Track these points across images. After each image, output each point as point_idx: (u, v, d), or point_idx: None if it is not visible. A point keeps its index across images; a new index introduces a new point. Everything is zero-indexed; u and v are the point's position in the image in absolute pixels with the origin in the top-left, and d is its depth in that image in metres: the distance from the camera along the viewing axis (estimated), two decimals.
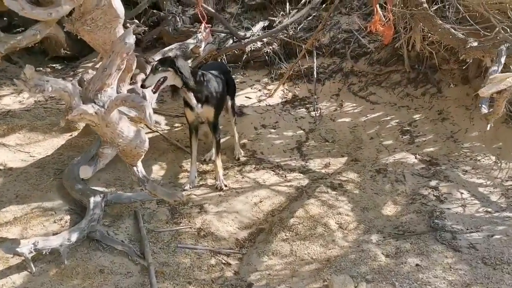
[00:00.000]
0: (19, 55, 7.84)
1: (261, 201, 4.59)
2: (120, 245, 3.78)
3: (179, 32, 7.60)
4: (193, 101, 4.69)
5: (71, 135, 5.52)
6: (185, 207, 4.50)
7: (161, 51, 6.49)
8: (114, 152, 3.13)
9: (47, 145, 5.32)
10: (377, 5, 5.17)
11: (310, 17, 8.01)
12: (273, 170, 5.18)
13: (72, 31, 2.82)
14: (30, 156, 5.06)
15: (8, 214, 4.05)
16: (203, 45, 6.83)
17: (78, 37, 7.76)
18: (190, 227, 4.20)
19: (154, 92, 4.49)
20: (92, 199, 4.00)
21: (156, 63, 4.45)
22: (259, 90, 7.19)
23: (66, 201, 4.27)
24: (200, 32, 6.89)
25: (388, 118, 6.07)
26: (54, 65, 7.79)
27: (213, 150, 5.00)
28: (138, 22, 7.95)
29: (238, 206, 4.52)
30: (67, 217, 4.06)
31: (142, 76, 4.82)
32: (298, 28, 7.88)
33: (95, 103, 2.67)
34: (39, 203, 4.21)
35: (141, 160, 3.56)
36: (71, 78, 7.22)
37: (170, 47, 6.62)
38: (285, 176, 5.03)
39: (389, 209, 4.40)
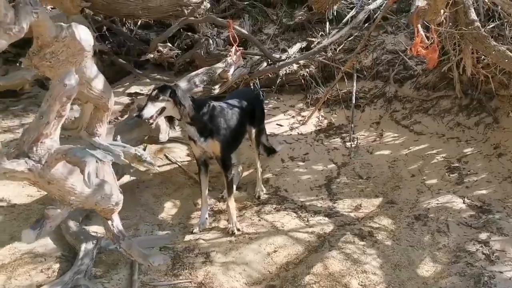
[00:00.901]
0: None
1: (275, 251, 4.01)
2: None
3: (211, 56, 7.22)
4: (195, 134, 4.23)
5: None
6: (189, 255, 4.01)
7: (187, 77, 6.10)
8: (66, 212, 2.70)
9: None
10: (419, 25, 4.50)
11: (352, 37, 7.39)
12: (295, 212, 4.59)
13: (29, 67, 2.42)
14: (38, 191, 4.77)
15: None
16: (232, 69, 6.38)
17: (111, 63, 7.85)
18: (191, 281, 3.70)
19: (151, 124, 4.08)
20: (83, 246, 3.61)
21: (155, 91, 4.03)
22: (293, 116, 6.65)
23: (60, 245, 3.90)
24: (230, 55, 6.50)
25: (434, 151, 5.31)
26: None
27: (225, 190, 4.48)
28: (171, 45, 7.73)
29: (249, 256, 3.96)
30: (56, 266, 3.68)
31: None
32: (338, 49, 7.29)
33: (29, 157, 2.25)
34: (32, 247, 3.86)
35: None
36: None
37: (196, 72, 6.22)
38: (307, 220, 4.42)
39: (427, 269, 3.68)
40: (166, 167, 5.47)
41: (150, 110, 3.96)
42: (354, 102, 6.38)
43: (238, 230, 4.29)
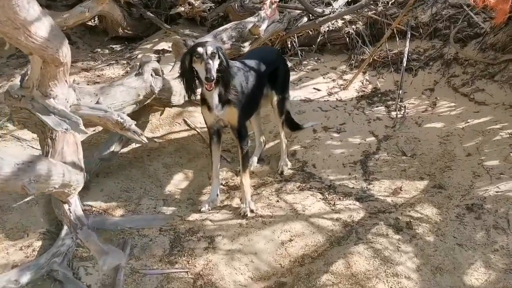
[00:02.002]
0: (80, 34, 7.37)
1: (291, 240, 3.38)
2: None
3: (245, 9, 6.48)
4: (214, 100, 3.59)
5: (94, 130, 4.73)
6: (191, 238, 3.47)
7: (213, 32, 5.43)
8: None
9: None
10: None
11: None
12: (321, 193, 3.91)
13: None
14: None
15: None
16: (265, 25, 5.67)
17: (141, 16, 7.27)
18: (187, 271, 3.16)
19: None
20: (79, 214, 3.12)
21: (209, 48, 3.44)
22: (333, 80, 5.86)
23: (47, 219, 3.47)
24: (264, 8, 5.75)
25: (498, 126, 4.40)
26: (114, 46, 7.14)
27: (240, 163, 3.85)
28: None
29: (259, 244, 3.36)
30: (38, 244, 3.25)
31: (153, 64, 3.80)
32: (391, 2, 6.33)
33: None
34: (19, 219, 3.46)
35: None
36: (124, 61, 6.55)
37: (224, 27, 5.54)
38: (334, 204, 3.73)
39: (476, 276, 2.94)
40: (183, 133, 4.91)
41: (213, 68, 3.40)
42: (405, 64, 5.47)
43: (252, 211, 3.69)
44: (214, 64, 3.43)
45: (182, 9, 7.02)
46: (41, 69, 2.28)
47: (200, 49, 3.43)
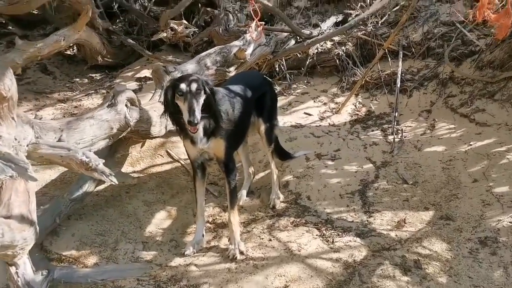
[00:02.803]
0: (58, 64, 7.03)
1: (286, 286, 2.99)
2: None
3: (230, 33, 6.19)
4: (198, 134, 3.24)
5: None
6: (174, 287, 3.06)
7: (197, 57, 5.16)
8: None
9: (38, 178, 4.19)
10: None
11: (397, 7, 6.18)
12: (317, 228, 3.54)
13: None
14: None
15: None
16: (251, 48, 5.40)
17: (122, 44, 6.96)
18: None
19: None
20: (29, 279, 2.71)
21: (193, 84, 3.07)
22: (324, 103, 5.57)
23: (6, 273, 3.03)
24: (249, 31, 5.48)
25: (503, 148, 4.10)
26: (93, 75, 6.81)
27: (228, 199, 3.48)
28: (186, 22, 6.76)
29: None
30: None
31: (128, 94, 3.45)
32: (380, 22, 6.10)
33: None
34: None
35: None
36: (103, 91, 6.21)
37: (208, 51, 5.27)
38: (333, 241, 3.37)
39: None
40: (166, 165, 4.55)
41: (199, 110, 3.05)
42: (399, 85, 5.20)
43: (242, 253, 3.30)
44: (199, 103, 3.08)
45: (165, 34, 6.73)
46: None
47: (183, 86, 3.08)
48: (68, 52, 7.21)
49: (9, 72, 1.89)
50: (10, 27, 7.67)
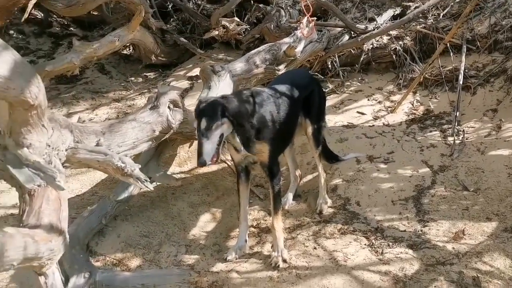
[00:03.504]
0: (115, 64, 7.19)
1: None
2: None
3: (281, 29, 6.05)
4: (238, 144, 3.14)
5: None
6: None
7: (246, 56, 5.07)
8: None
9: (86, 179, 4.31)
10: None
11: None
12: (366, 237, 3.34)
13: None
14: None
15: None
16: (301, 45, 5.24)
17: (175, 43, 7.01)
18: None
19: (216, 161, 3.03)
20: (72, 280, 2.75)
21: (205, 120, 2.93)
22: (379, 102, 5.30)
23: None
24: (300, 27, 5.31)
25: None
26: (147, 74, 6.91)
27: (271, 204, 3.35)
28: (238, 20, 6.67)
29: None
30: None
31: (171, 96, 3.40)
32: (442, 15, 5.72)
33: None
34: (19, 271, 3.11)
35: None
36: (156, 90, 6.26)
37: (257, 49, 5.17)
38: (382, 252, 3.15)
39: None
40: (213, 166, 4.47)
41: (210, 148, 2.90)
42: (461, 82, 4.83)
43: (285, 261, 3.17)
44: (211, 139, 2.92)
45: (217, 33, 6.69)
46: (9, 114, 1.93)
47: (195, 122, 2.97)
48: (125, 52, 7.36)
49: (35, 79, 1.87)
50: (72, 28, 7.97)
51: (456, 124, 4.46)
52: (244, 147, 3.16)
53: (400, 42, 5.71)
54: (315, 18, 5.46)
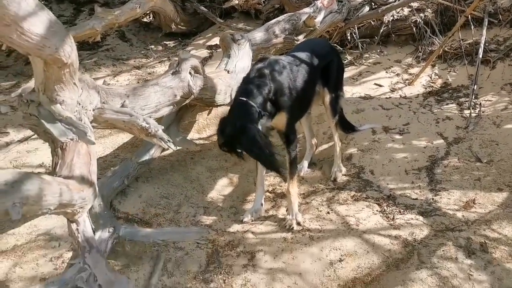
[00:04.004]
0: (135, 31, 7.27)
1: (341, 260, 2.96)
2: None
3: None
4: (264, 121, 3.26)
5: None
6: (230, 253, 3.15)
7: (266, 25, 5.14)
8: None
9: (109, 143, 4.44)
10: None
11: None
12: (378, 204, 3.44)
13: None
14: None
15: (11, 238, 3.24)
16: (321, 15, 5.28)
17: (195, 11, 7.05)
18: None
19: None
20: (97, 234, 2.91)
21: (224, 149, 3.23)
22: (397, 74, 5.32)
23: None
24: None
25: None
26: (167, 42, 6.98)
27: (287, 170, 3.46)
28: None
29: (305, 263, 2.98)
30: (68, 255, 3.05)
31: (192, 62, 3.49)
32: None
33: None
34: (51, 227, 3.31)
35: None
36: (176, 58, 6.34)
37: (277, 19, 5.24)
38: (393, 218, 3.26)
39: None
40: None
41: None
42: (481, 55, 4.81)
43: (299, 224, 3.30)
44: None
45: (236, 2, 6.74)
46: (44, 71, 2.04)
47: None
48: (145, 20, 7.41)
49: (69, 39, 1.98)
50: None
51: (473, 97, 4.48)
52: (267, 119, 3.25)
53: (421, 14, 5.68)
54: None
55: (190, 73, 3.39)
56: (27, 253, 3.11)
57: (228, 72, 4.15)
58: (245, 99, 3.14)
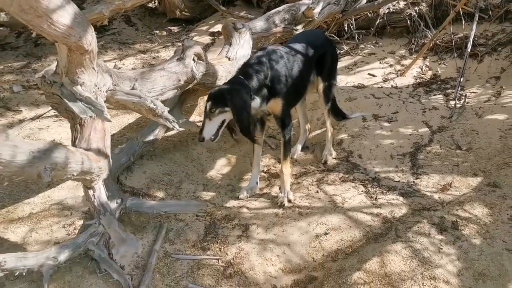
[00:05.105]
0: (141, 16, 7.52)
1: (326, 233, 3.27)
2: (116, 273, 2.94)
3: None
4: (256, 105, 3.54)
5: None
6: (226, 225, 3.46)
7: (266, 15, 5.37)
8: None
9: (115, 122, 4.72)
10: None
11: None
12: (363, 185, 3.75)
13: None
14: None
15: (27, 207, 3.54)
16: (319, 7, 5.49)
17: None
18: (218, 259, 3.15)
19: (214, 140, 3.48)
20: (103, 201, 3.21)
21: (209, 104, 3.37)
22: (390, 65, 5.58)
23: None
24: None
25: None
26: (171, 28, 7.24)
27: (281, 151, 3.76)
28: None
29: (294, 235, 3.29)
30: (79, 222, 3.37)
31: (195, 49, 3.76)
32: None
33: None
34: (64, 198, 3.61)
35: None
36: (179, 44, 6.61)
37: (277, 9, 5.46)
38: (376, 198, 3.57)
39: None
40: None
41: (210, 128, 3.40)
42: (469, 49, 5.08)
43: (289, 201, 3.61)
44: (213, 121, 3.39)
45: None
46: (67, 56, 2.32)
47: (206, 102, 3.40)
48: (150, 5, 7.65)
49: (90, 28, 2.26)
50: None
51: (459, 89, 4.76)
52: (261, 103, 3.54)
53: (416, 8, 5.92)
54: None
55: (193, 59, 3.66)
56: (42, 220, 3.41)
57: (229, 59, 4.41)
58: (242, 77, 3.43)
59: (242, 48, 4.57)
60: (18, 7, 1.87)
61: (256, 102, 3.48)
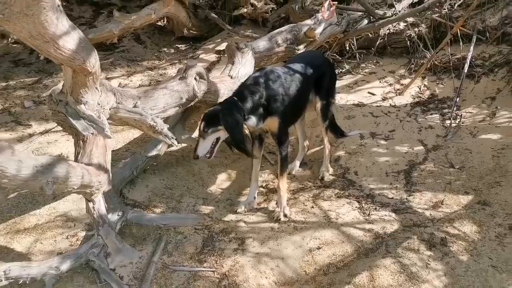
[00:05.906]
0: (150, 34, 7.75)
1: (319, 248, 3.39)
2: (115, 283, 3.07)
3: (305, 11, 6.49)
4: (253, 123, 3.72)
5: None
6: (223, 239, 3.59)
7: (269, 34, 5.55)
8: None
9: (121, 137, 4.91)
10: None
11: None
12: (358, 201, 3.87)
13: None
14: None
15: (33, 218, 3.71)
16: (321, 27, 5.67)
17: (206, 17, 7.51)
18: (214, 271, 3.27)
19: (209, 157, 3.69)
20: (109, 216, 3.36)
21: (203, 124, 3.58)
22: (390, 84, 5.72)
23: None
24: (322, 11, 5.75)
25: None
26: (179, 46, 7.46)
27: (278, 167, 3.90)
28: None
29: (288, 249, 3.41)
30: (82, 234, 3.53)
31: (197, 69, 3.93)
32: (457, 5, 6.04)
33: None
34: (68, 210, 3.78)
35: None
36: (186, 61, 6.82)
37: (280, 29, 5.63)
38: (369, 214, 3.68)
39: None
40: None
41: (204, 147, 3.61)
42: (466, 70, 5.20)
43: (285, 216, 3.74)
44: (207, 140, 3.59)
45: (245, 10, 7.18)
46: (72, 77, 2.49)
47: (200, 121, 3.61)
48: (159, 24, 7.89)
49: (94, 52, 2.44)
50: None
51: (455, 108, 4.87)
52: (258, 122, 3.69)
53: (416, 29, 6.06)
54: (336, 1, 5.86)
55: (195, 78, 3.83)
56: (47, 231, 3.57)
57: (231, 77, 4.59)
58: (236, 98, 3.60)
59: (244, 67, 4.74)
60: (27, 34, 2.05)
61: (252, 120, 3.63)
